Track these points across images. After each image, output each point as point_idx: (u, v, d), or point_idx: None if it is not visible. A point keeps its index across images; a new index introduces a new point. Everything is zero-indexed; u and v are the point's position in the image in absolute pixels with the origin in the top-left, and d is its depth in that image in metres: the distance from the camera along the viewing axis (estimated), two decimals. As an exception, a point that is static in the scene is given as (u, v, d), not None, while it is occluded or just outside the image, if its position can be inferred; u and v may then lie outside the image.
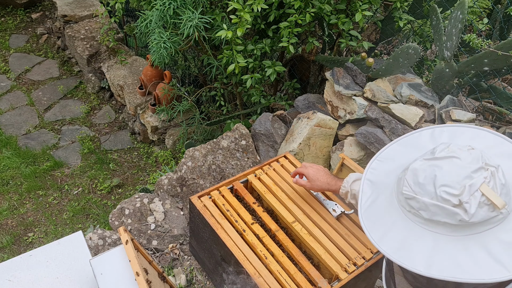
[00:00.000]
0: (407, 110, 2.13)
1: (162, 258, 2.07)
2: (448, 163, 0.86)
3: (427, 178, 0.85)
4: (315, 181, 1.57)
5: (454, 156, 0.86)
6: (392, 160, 1.04)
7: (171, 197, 2.31)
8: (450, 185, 0.83)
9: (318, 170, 1.58)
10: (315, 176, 1.57)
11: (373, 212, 0.97)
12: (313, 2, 2.21)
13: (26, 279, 1.29)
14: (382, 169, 1.03)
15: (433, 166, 0.86)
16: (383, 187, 0.99)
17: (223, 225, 1.61)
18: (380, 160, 1.06)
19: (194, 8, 2.27)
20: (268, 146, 2.50)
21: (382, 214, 0.95)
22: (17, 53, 4.49)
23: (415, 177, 0.88)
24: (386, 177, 1.01)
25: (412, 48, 2.08)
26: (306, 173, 1.60)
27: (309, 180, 1.59)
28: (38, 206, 3.06)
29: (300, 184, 1.63)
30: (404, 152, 1.03)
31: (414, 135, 1.05)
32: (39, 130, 3.70)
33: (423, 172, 0.87)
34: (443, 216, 0.83)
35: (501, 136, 0.97)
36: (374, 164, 1.05)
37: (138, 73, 3.82)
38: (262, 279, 1.44)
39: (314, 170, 1.58)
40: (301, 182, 1.63)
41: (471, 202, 0.81)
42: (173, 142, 3.45)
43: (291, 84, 2.88)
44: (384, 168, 1.03)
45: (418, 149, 1.00)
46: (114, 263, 1.27)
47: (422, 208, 0.86)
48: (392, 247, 0.89)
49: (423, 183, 0.86)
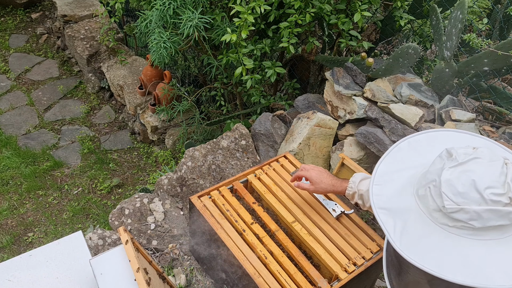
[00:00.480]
0: (407, 110, 2.13)
1: (162, 258, 2.07)
2: (475, 165, 0.83)
3: (466, 185, 0.81)
4: (319, 184, 1.51)
5: (475, 157, 0.84)
6: (391, 180, 0.99)
7: (171, 197, 2.31)
8: (493, 185, 0.80)
9: (320, 172, 1.53)
10: (318, 178, 1.51)
11: (411, 242, 0.88)
12: (313, 2, 2.21)
13: (26, 279, 1.29)
14: (387, 193, 0.98)
15: (466, 172, 0.83)
16: (403, 211, 0.93)
17: (223, 225, 1.61)
18: (378, 184, 1.01)
19: (194, 8, 2.27)
20: (268, 146, 2.50)
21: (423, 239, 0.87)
22: (17, 53, 4.49)
23: (452, 188, 0.83)
24: (398, 200, 0.95)
25: (412, 48, 2.08)
26: (308, 176, 1.53)
27: (313, 183, 1.52)
28: (38, 206, 3.06)
29: (303, 187, 1.56)
30: (396, 171, 1.00)
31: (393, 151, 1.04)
32: (39, 130, 3.70)
33: (458, 181, 0.82)
34: (496, 220, 0.80)
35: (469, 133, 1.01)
36: (376, 191, 1.00)
37: (138, 73, 3.82)
38: (262, 279, 1.44)
39: (316, 173, 1.52)
40: (303, 185, 1.56)
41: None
42: (173, 142, 3.45)
43: (291, 84, 2.88)
44: (389, 191, 0.98)
45: (405, 163, 0.99)
46: (114, 263, 1.27)
47: (473, 218, 0.81)
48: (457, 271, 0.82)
49: (464, 192, 0.81)
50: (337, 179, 1.51)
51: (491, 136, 2.04)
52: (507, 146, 1.93)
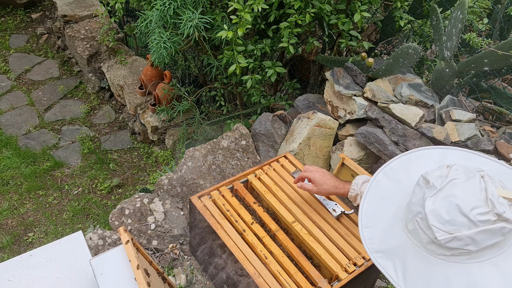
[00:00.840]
0: (407, 110, 2.13)
1: (162, 258, 2.07)
2: (453, 187, 0.82)
3: (451, 211, 0.80)
4: (322, 185, 1.51)
5: (451, 179, 0.83)
6: (378, 219, 0.98)
7: (171, 197, 2.32)
8: (476, 205, 0.79)
9: (323, 173, 1.53)
10: (321, 180, 1.52)
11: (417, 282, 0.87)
12: (313, 2, 2.21)
13: (26, 279, 1.29)
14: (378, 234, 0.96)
15: (447, 197, 0.82)
16: (399, 250, 0.90)
17: (223, 225, 1.61)
18: (367, 226, 0.98)
19: (194, 8, 2.27)
20: (268, 146, 2.50)
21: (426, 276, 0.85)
22: (17, 53, 4.49)
23: (439, 217, 0.82)
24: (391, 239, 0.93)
25: (412, 48, 2.08)
26: (311, 177, 1.54)
27: (316, 184, 1.53)
28: (38, 206, 3.06)
29: (306, 188, 1.57)
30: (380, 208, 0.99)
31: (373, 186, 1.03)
32: (39, 130, 3.70)
33: (442, 208, 0.81)
34: (491, 239, 0.80)
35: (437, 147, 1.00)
36: (366, 234, 0.97)
37: (138, 73, 3.82)
38: (262, 279, 1.44)
39: (319, 174, 1.53)
40: (306, 186, 1.57)
41: (506, 210, 0.79)
42: (173, 142, 3.45)
43: (291, 84, 2.88)
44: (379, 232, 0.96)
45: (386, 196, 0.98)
46: (114, 263, 1.27)
47: (467, 243, 0.80)
48: None
49: (452, 218, 0.80)
50: (339, 181, 1.52)
51: (491, 136, 2.05)
52: (506, 146, 1.93)
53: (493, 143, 1.97)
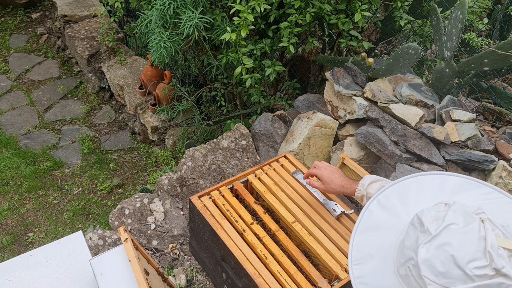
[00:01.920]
0: (407, 110, 2.13)
1: (162, 258, 2.07)
2: (450, 234, 0.76)
3: (446, 263, 0.75)
4: (329, 184, 1.49)
5: (448, 224, 0.77)
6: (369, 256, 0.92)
7: (171, 197, 2.31)
8: (474, 258, 0.74)
9: (332, 172, 1.51)
10: (329, 178, 1.49)
11: None
12: (313, 2, 2.21)
13: (26, 279, 1.29)
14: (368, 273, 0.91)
15: (442, 246, 0.76)
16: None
17: (223, 225, 1.61)
18: (357, 263, 0.93)
19: (194, 8, 2.27)
20: (268, 146, 2.50)
21: None
22: (17, 53, 4.49)
23: (432, 268, 0.76)
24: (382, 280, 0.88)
25: (412, 48, 2.08)
26: (320, 175, 1.52)
27: (323, 182, 1.51)
28: (38, 206, 3.06)
29: (314, 186, 1.56)
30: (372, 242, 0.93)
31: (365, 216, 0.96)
32: (39, 130, 3.70)
33: (437, 259, 0.76)
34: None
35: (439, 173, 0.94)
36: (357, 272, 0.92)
37: (138, 73, 3.82)
38: (262, 279, 1.44)
39: (328, 172, 1.51)
40: (314, 184, 1.55)
41: (505, 264, 0.73)
42: (173, 142, 3.45)
43: (291, 84, 2.88)
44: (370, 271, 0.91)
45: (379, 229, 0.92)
46: (114, 263, 1.27)
47: None
48: None
49: (446, 271, 0.75)
50: (348, 180, 1.49)
51: (492, 136, 2.05)
52: (506, 146, 1.93)
53: (493, 143, 1.97)
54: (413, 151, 2.05)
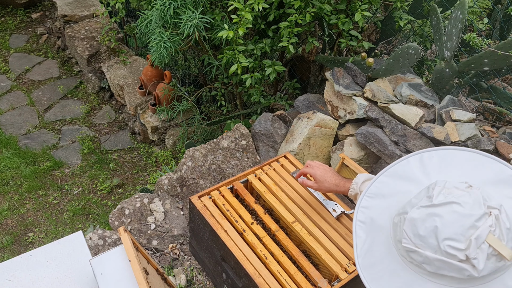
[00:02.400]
0: (407, 110, 2.13)
1: (162, 258, 2.07)
2: (448, 210, 0.79)
3: (428, 230, 0.79)
4: (322, 183, 1.49)
5: (453, 202, 0.79)
6: (383, 196, 0.96)
7: (171, 197, 2.31)
8: (454, 238, 0.76)
9: (325, 170, 1.51)
10: (322, 177, 1.49)
11: (371, 261, 0.90)
12: (313, 2, 2.21)
13: (26, 279, 1.29)
14: (373, 208, 0.96)
15: (433, 216, 0.79)
16: (378, 229, 0.92)
17: (223, 225, 1.61)
18: (370, 196, 0.97)
19: (194, 8, 2.27)
20: (268, 146, 2.50)
21: (381, 263, 0.88)
22: (17, 53, 4.49)
23: (414, 228, 0.81)
24: (379, 217, 0.93)
25: (412, 48, 2.08)
26: (313, 174, 1.52)
27: (317, 181, 1.51)
28: (38, 206, 3.07)
29: (307, 185, 1.55)
30: (393, 185, 0.95)
31: (401, 163, 0.97)
32: (39, 130, 3.70)
33: (422, 223, 0.80)
34: (449, 271, 0.78)
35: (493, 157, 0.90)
36: (364, 202, 0.97)
37: (138, 73, 3.82)
38: (262, 279, 1.44)
39: (321, 171, 1.51)
40: (307, 183, 1.55)
41: (478, 257, 0.75)
42: (173, 142, 3.45)
43: (291, 84, 2.88)
44: (375, 206, 0.95)
45: (408, 180, 0.94)
46: (114, 263, 1.27)
47: (425, 262, 0.80)
48: None
49: (424, 236, 0.79)
50: (341, 178, 1.49)
51: (491, 136, 2.05)
52: (506, 146, 1.93)
53: (493, 143, 1.97)
54: (413, 151, 2.05)
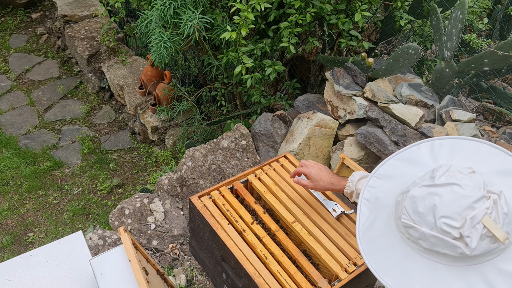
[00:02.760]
0: (407, 110, 2.13)
1: (162, 258, 2.07)
2: (448, 191, 0.83)
3: (427, 207, 0.83)
4: (318, 181, 1.49)
5: (454, 183, 0.83)
6: (390, 177, 1.00)
7: (171, 197, 2.32)
8: (450, 216, 0.81)
9: (320, 169, 1.50)
10: (317, 176, 1.49)
11: (371, 236, 0.95)
12: (313, 2, 2.21)
13: (26, 279, 1.29)
14: (380, 188, 1.00)
15: (433, 195, 0.84)
16: (381, 207, 0.97)
17: (223, 225, 1.61)
18: (378, 177, 1.01)
19: (194, 8, 2.27)
20: (268, 146, 2.50)
21: (381, 238, 0.93)
22: (17, 53, 4.49)
23: (414, 205, 0.85)
24: (384, 196, 0.98)
25: (412, 48, 2.08)
26: (308, 173, 1.52)
27: (312, 180, 1.50)
28: (38, 206, 3.07)
29: (302, 184, 1.55)
30: (402, 168, 0.99)
31: (412, 149, 1.01)
32: (39, 130, 3.70)
33: (422, 201, 0.84)
34: (442, 248, 0.83)
35: (502, 150, 0.93)
36: (372, 182, 1.01)
37: (138, 73, 3.82)
38: (262, 279, 1.44)
39: (316, 170, 1.50)
40: (302, 182, 1.54)
41: (472, 236, 0.79)
42: (173, 142, 3.45)
43: (291, 84, 2.88)
44: (382, 186, 1.00)
45: (416, 164, 0.97)
46: (114, 263, 1.27)
47: (421, 238, 0.85)
48: (392, 276, 0.88)
49: (423, 213, 0.84)
50: (336, 177, 1.49)
51: (492, 136, 2.05)
52: (506, 146, 1.93)
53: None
54: (413, 151, 2.05)
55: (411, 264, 0.87)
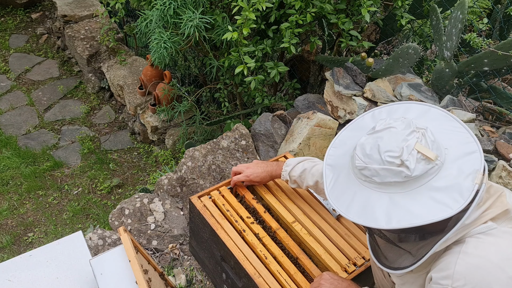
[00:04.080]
0: (407, 110, 2.12)
1: (162, 258, 2.07)
2: (386, 133, 1.02)
3: (373, 148, 1.02)
4: (252, 174, 1.69)
5: (390, 127, 1.03)
6: (344, 144, 1.19)
7: (171, 197, 2.32)
8: (391, 150, 0.99)
9: (256, 164, 1.72)
10: (251, 169, 1.70)
11: (337, 189, 1.11)
12: (313, 2, 2.21)
13: (26, 279, 1.29)
14: (337, 154, 1.19)
15: (376, 138, 1.03)
16: (341, 167, 1.14)
17: (223, 225, 1.61)
18: (335, 146, 1.21)
19: (194, 8, 2.27)
20: (268, 146, 2.50)
21: (344, 189, 1.09)
22: (17, 53, 4.49)
23: (363, 150, 1.04)
24: (342, 159, 1.15)
25: (412, 48, 2.08)
26: (241, 169, 1.71)
27: (247, 174, 1.70)
28: (38, 206, 3.06)
29: (238, 178, 1.71)
30: (352, 136, 1.17)
31: (358, 120, 1.22)
32: (39, 130, 3.70)
33: (368, 145, 1.03)
34: (392, 177, 0.98)
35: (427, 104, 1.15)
36: (331, 151, 1.21)
37: (138, 73, 3.82)
38: (262, 279, 1.44)
39: (248, 164, 1.73)
40: (239, 177, 1.71)
41: (410, 159, 0.97)
42: (173, 142, 3.46)
43: (291, 84, 2.88)
44: (339, 152, 1.18)
45: (363, 129, 1.14)
46: (114, 263, 1.27)
47: (374, 175, 1.01)
48: (357, 212, 1.04)
49: (370, 153, 1.01)
50: (276, 168, 1.68)
51: (491, 136, 2.05)
52: (506, 146, 1.93)
53: (493, 143, 1.97)
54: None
55: (371, 200, 1.02)
